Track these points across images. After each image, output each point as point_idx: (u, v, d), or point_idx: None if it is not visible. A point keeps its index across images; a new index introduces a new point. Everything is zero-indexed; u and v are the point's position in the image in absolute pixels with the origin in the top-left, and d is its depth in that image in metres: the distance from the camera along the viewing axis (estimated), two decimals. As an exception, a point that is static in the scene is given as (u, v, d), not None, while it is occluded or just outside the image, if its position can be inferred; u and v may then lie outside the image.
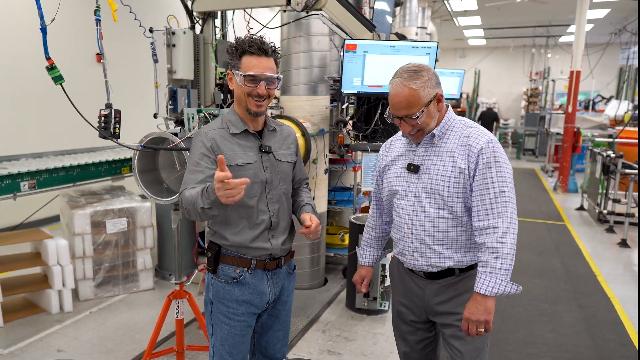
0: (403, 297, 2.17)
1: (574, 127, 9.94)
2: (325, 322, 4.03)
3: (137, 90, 7.21)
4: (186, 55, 3.38)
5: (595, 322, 4.16)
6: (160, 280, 4.86)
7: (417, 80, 1.85)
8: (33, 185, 3.87)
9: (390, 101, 1.91)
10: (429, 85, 1.86)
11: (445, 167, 1.92)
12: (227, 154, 1.98)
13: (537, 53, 18.97)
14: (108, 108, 2.56)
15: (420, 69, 1.87)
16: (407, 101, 1.85)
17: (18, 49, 6.30)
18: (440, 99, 1.92)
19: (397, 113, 1.90)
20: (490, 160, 1.85)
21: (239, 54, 1.99)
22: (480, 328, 1.85)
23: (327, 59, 4.47)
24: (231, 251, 2.07)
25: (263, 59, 1.99)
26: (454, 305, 2.01)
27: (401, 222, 2.04)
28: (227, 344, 2.13)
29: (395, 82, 1.89)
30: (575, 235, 6.99)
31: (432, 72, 1.89)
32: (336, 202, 5.08)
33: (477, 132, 1.92)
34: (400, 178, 2.05)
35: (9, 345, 3.55)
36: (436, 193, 1.93)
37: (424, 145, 2.00)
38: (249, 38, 2.00)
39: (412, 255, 2.02)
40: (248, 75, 1.96)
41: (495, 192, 1.83)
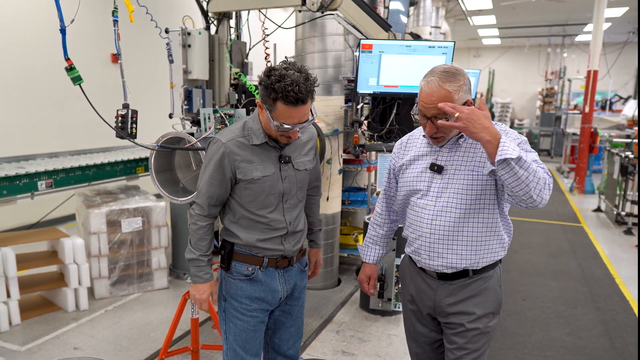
0: (413, 297, 2.14)
1: (590, 128, 9.81)
2: (339, 323, 4.02)
3: (153, 91, 7.27)
4: (201, 55, 3.39)
5: (614, 325, 4.09)
6: (174, 280, 4.89)
7: (453, 82, 1.79)
8: (50, 185, 3.91)
9: (422, 99, 1.84)
10: (464, 90, 1.81)
11: (472, 166, 1.88)
12: (243, 167, 1.99)
13: (552, 52, 18.77)
14: (125, 108, 2.58)
15: (457, 72, 1.82)
16: (440, 101, 1.79)
17: (35, 49, 6.38)
18: (470, 106, 1.83)
19: (428, 112, 1.84)
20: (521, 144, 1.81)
21: (274, 98, 1.84)
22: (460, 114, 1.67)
23: (342, 59, 4.45)
24: (244, 249, 2.11)
25: (299, 109, 1.87)
26: (467, 306, 1.98)
27: (419, 220, 2.00)
28: (240, 339, 2.15)
29: (431, 81, 1.81)
30: (592, 237, 6.89)
31: (467, 77, 1.84)
32: (350, 202, 5.06)
33: (505, 130, 1.87)
34: (422, 177, 2.00)
35: (26, 343, 3.59)
36: (459, 192, 1.89)
37: (448, 146, 1.94)
38: (289, 85, 1.80)
39: (429, 255, 1.99)
40: (282, 126, 1.89)
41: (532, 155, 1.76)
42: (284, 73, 1.82)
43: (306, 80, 1.84)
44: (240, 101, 3.64)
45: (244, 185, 2.02)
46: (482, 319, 1.97)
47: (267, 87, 1.84)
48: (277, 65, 1.89)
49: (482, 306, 1.98)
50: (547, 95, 18.18)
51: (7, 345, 3.55)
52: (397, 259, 3.96)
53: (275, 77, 1.82)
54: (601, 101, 15.35)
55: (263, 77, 1.87)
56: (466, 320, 1.98)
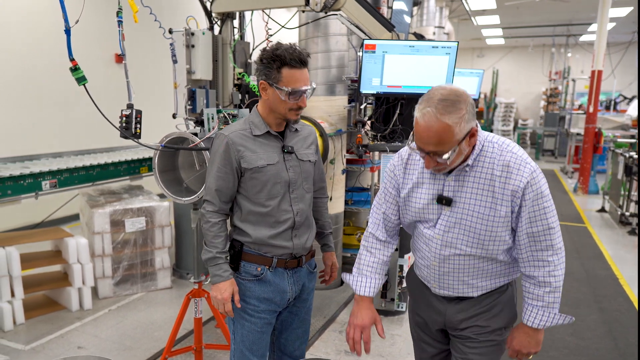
0: (421, 310, 2.04)
1: (595, 128, 9.78)
2: (342, 323, 4.02)
3: (156, 91, 7.28)
4: (205, 55, 3.40)
5: (617, 326, 4.08)
6: (177, 280, 4.90)
7: (453, 114, 1.57)
8: (54, 185, 3.92)
9: (418, 133, 1.64)
10: (466, 120, 1.60)
11: (483, 202, 1.71)
12: (247, 157, 2.02)
13: (556, 52, 18.71)
14: (129, 108, 2.59)
15: (458, 99, 1.60)
16: (439, 137, 1.59)
17: (39, 50, 6.40)
18: (474, 134, 1.67)
19: (424, 148, 1.65)
20: (537, 196, 1.67)
21: (278, 66, 1.92)
22: (529, 357, 1.83)
23: (345, 59, 4.46)
24: (253, 249, 2.10)
25: (304, 72, 1.96)
26: (479, 321, 1.89)
27: (428, 250, 1.87)
28: (247, 340, 2.15)
29: (427, 113, 1.59)
30: (596, 237, 6.87)
31: (470, 102, 1.63)
32: (353, 202, 5.05)
33: (516, 159, 1.68)
34: (429, 209, 1.82)
35: (30, 342, 3.61)
36: (471, 230, 1.74)
37: (454, 174, 1.75)
38: (288, 49, 1.92)
39: (438, 285, 1.89)
40: (293, 91, 1.94)
41: (544, 227, 1.69)
42: (279, 44, 1.95)
43: (299, 48, 1.97)
44: (244, 101, 3.64)
45: (250, 176, 2.04)
46: (495, 331, 1.89)
47: (269, 57, 1.92)
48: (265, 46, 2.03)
49: (495, 320, 1.89)
50: (551, 95, 18.13)
51: (12, 344, 3.57)
52: (401, 259, 3.96)
53: (272, 48, 1.94)
54: (605, 101, 15.32)
55: (261, 54, 1.97)
56: (478, 332, 1.89)
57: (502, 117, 19.61)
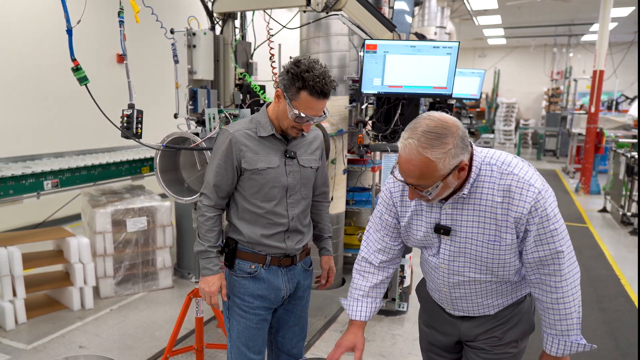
0: (435, 324, 1.97)
1: (596, 128, 9.77)
2: (343, 323, 4.02)
3: (158, 91, 7.29)
4: (206, 55, 3.40)
5: (618, 326, 4.08)
6: (179, 279, 4.90)
7: (437, 148, 1.44)
8: (56, 184, 3.93)
9: (400, 165, 1.53)
10: (452, 154, 1.46)
11: (485, 230, 1.61)
12: (248, 157, 2.03)
13: (558, 52, 18.70)
14: (130, 108, 2.59)
15: (445, 131, 1.45)
16: (420, 172, 1.48)
17: (40, 50, 6.41)
18: (463, 167, 1.53)
19: (406, 179, 1.55)
20: (542, 219, 1.54)
21: (299, 87, 1.89)
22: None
23: (346, 59, 4.46)
24: (247, 247, 2.12)
25: (321, 102, 1.94)
26: (496, 333, 1.82)
27: (436, 277, 1.81)
28: (243, 336, 2.16)
29: (409, 145, 1.47)
30: (598, 237, 6.86)
31: (459, 134, 1.48)
32: (354, 202, 5.06)
33: (517, 182, 1.56)
34: (429, 239, 1.74)
35: (32, 341, 3.61)
36: (476, 258, 1.66)
37: (450, 202, 1.64)
38: (317, 76, 1.87)
39: (452, 307, 1.85)
40: (302, 115, 1.93)
41: (551, 251, 1.57)
42: (313, 65, 1.89)
43: (330, 77, 1.92)
44: (245, 101, 3.64)
45: (249, 176, 2.05)
46: (511, 344, 1.84)
47: (295, 75, 1.88)
48: (301, 58, 1.95)
49: (511, 333, 1.82)
50: (553, 95, 18.13)
51: (13, 343, 3.58)
52: (402, 258, 3.95)
53: (304, 67, 1.87)
54: (607, 101, 15.29)
55: (291, 65, 1.91)
56: (493, 344, 1.83)
57: (504, 117, 19.60)
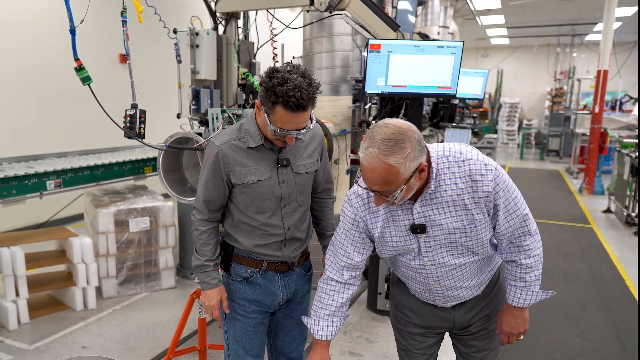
0: (423, 321, 2.03)
1: (600, 128, 9.72)
2: (347, 324, 4.01)
3: (160, 91, 7.29)
4: (209, 55, 3.39)
5: (624, 328, 4.05)
6: (181, 279, 4.90)
7: (397, 154, 1.51)
8: (59, 184, 3.93)
9: (363, 173, 1.59)
10: (411, 158, 1.54)
11: (457, 218, 1.70)
12: (237, 171, 1.95)
13: (562, 52, 18.63)
14: (133, 108, 2.58)
15: (402, 137, 1.53)
16: (384, 178, 1.54)
17: (43, 50, 6.42)
18: (423, 169, 1.60)
19: (370, 186, 1.61)
20: (505, 192, 1.68)
21: (273, 102, 1.76)
22: (519, 337, 1.93)
23: (350, 59, 4.44)
24: (243, 252, 2.09)
25: (299, 115, 1.78)
26: (484, 311, 2.00)
27: (424, 278, 1.88)
28: (240, 340, 2.15)
29: (370, 154, 1.53)
30: (602, 238, 6.83)
31: (415, 138, 1.55)
32: (357, 202, 5.04)
33: (475, 166, 1.66)
34: (406, 242, 1.80)
35: (34, 341, 3.61)
36: (454, 245, 1.76)
37: (419, 201, 1.71)
38: (290, 90, 1.71)
39: (444, 300, 1.95)
40: (280, 130, 1.82)
41: (519, 217, 1.72)
42: (287, 77, 1.73)
43: (309, 86, 1.76)
44: (248, 101, 3.63)
45: (239, 190, 1.99)
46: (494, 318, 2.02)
47: (267, 89, 1.76)
48: (280, 66, 1.81)
49: (498, 304, 2.01)
50: (556, 95, 18.05)
51: (16, 343, 3.58)
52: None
53: (277, 80, 1.73)
54: (611, 101, 15.24)
55: (265, 78, 1.78)
56: (487, 323, 2.01)
57: (507, 117, 19.55)
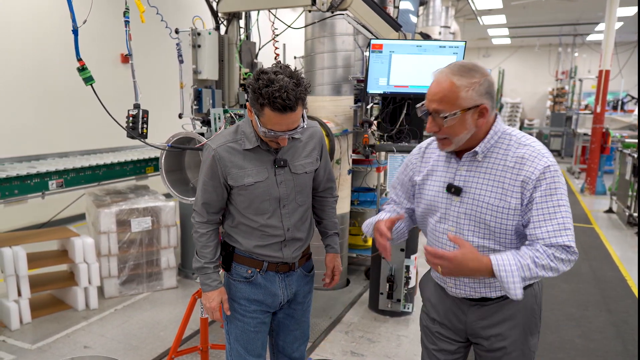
0: (440, 316, 1.95)
1: (602, 128, 9.71)
2: (348, 324, 4.01)
3: (162, 91, 7.29)
4: (211, 55, 3.40)
5: (626, 328, 4.04)
6: (183, 279, 4.90)
7: (465, 77, 1.59)
8: (61, 184, 3.93)
9: (428, 91, 1.67)
10: (476, 90, 1.59)
11: (493, 194, 1.66)
12: (234, 173, 1.95)
13: (563, 52, 18.62)
14: (136, 108, 2.59)
15: (475, 69, 1.62)
16: (443, 95, 1.61)
17: (45, 50, 6.42)
18: (483, 113, 1.63)
19: (428, 105, 1.67)
20: (549, 191, 1.61)
21: (261, 104, 1.75)
22: (443, 268, 1.58)
23: (351, 59, 4.44)
24: (244, 252, 2.09)
25: (288, 116, 1.77)
26: (502, 329, 1.81)
27: (441, 247, 1.79)
28: (242, 340, 2.14)
29: (441, 71, 1.65)
30: (604, 238, 6.82)
31: (488, 80, 1.62)
32: (359, 202, 5.04)
33: (532, 152, 1.63)
34: (439, 199, 1.79)
35: (36, 341, 3.61)
36: (481, 222, 1.69)
37: (466, 163, 1.73)
38: (276, 90, 1.71)
39: (454, 284, 1.83)
40: (270, 132, 1.82)
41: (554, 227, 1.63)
42: (273, 77, 1.72)
43: (296, 86, 1.74)
44: (250, 101, 3.64)
45: (237, 192, 1.98)
46: (521, 340, 1.81)
47: (254, 91, 1.75)
48: (267, 68, 1.81)
49: (518, 328, 1.80)
50: (558, 95, 18.04)
51: (18, 343, 3.58)
52: (407, 259, 3.94)
53: (263, 82, 1.73)
54: (613, 101, 15.22)
55: (251, 80, 1.78)
56: (505, 343, 1.81)
57: (508, 117, 19.55)
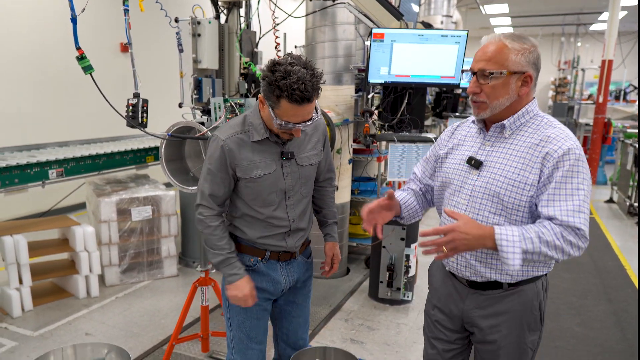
0: (440, 302, 1.96)
1: (604, 118, 9.68)
2: (348, 311, 4.03)
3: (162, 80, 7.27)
4: (211, 44, 3.38)
5: (626, 317, 4.06)
6: (183, 268, 4.92)
7: (517, 42, 1.63)
8: (61, 173, 3.93)
9: (476, 53, 1.69)
10: (525, 56, 1.63)
11: (513, 168, 1.66)
12: (243, 166, 1.94)
13: (566, 42, 18.49)
14: (136, 97, 2.58)
15: (527, 38, 1.66)
16: (492, 54, 1.64)
17: (45, 38, 6.40)
18: (526, 82, 1.66)
19: (475, 65, 1.68)
20: (571, 173, 1.58)
21: (277, 95, 1.75)
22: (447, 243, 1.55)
23: (353, 48, 4.42)
24: (247, 242, 2.10)
25: (305, 107, 1.78)
26: (497, 321, 1.79)
27: (450, 219, 1.77)
28: (244, 327, 2.15)
29: (494, 36, 1.68)
30: (604, 228, 6.83)
31: (538, 52, 1.68)
32: (360, 192, 5.05)
33: (560, 133, 1.63)
34: (457, 171, 1.81)
35: (38, 328, 3.64)
36: (496, 196, 1.68)
37: (492, 139, 1.74)
38: (294, 82, 1.71)
39: (456, 259, 1.82)
40: (286, 123, 1.82)
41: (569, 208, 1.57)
42: (290, 69, 1.72)
43: (312, 77, 1.75)
44: (250, 90, 3.62)
45: (244, 184, 1.98)
46: (516, 334, 1.79)
47: (271, 83, 1.74)
48: (281, 59, 1.79)
49: (515, 322, 1.78)
50: (560, 85, 17.94)
51: (20, 330, 3.61)
52: (407, 248, 3.95)
53: (280, 74, 1.72)
54: (615, 91, 15.15)
55: (267, 72, 1.77)
56: (497, 336, 1.80)
57: (510, 107, 19.43)
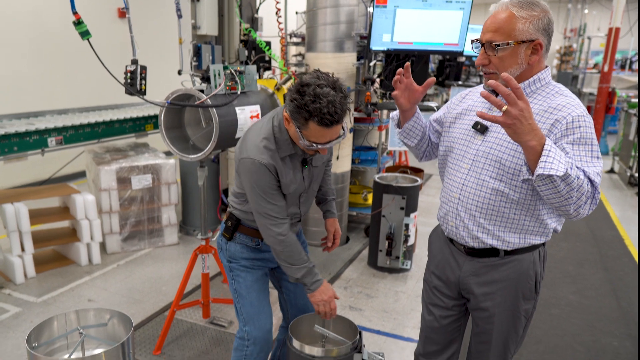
0: (437, 268, 1.98)
1: (608, 87, 9.56)
2: (347, 279, 4.08)
3: (161, 47, 7.16)
4: (210, 10, 3.31)
5: (621, 285, 4.11)
6: (184, 236, 4.95)
7: (524, 9, 1.57)
8: (60, 141, 3.91)
9: (485, 23, 1.65)
10: (533, 24, 1.56)
11: None
12: (283, 183, 1.95)
13: (573, 8, 18.12)
14: (134, 64, 2.53)
15: (536, 3, 1.58)
16: (499, 25, 1.59)
17: (45, 5, 6.27)
18: (536, 50, 1.60)
19: (482, 36, 1.64)
20: (584, 141, 1.53)
21: (306, 117, 1.72)
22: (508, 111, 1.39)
23: (355, 14, 4.33)
24: (250, 224, 2.12)
25: (333, 129, 1.77)
26: (492, 289, 1.80)
27: (451, 183, 1.82)
28: (254, 289, 2.18)
29: (501, 4, 1.62)
30: (604, 198, 6.84)
31: (549, 17, 1.59)
32: (360, 161, 5.03)
33: (570, 101, 1.60)
34: (462, 136, 1.80)
35: (41, 294, 3.69)
36: (497, 161, 1.67)
37: None
38: (325, 106, 1.69)
39: (454, 223, 1.82)
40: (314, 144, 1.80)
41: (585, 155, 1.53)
42: (319, 92, 1.69)
43: (342, 99, 1.74)
44: (250, 57, 3.57)
45: None
46: (510, 302, 1.80)
47: (300, 106, 1.71)
48: (308, 78, 1.75)
49: (510, 290, 1.79)
50: (565, 53, 17.68)
51: (24, 296, 3.65)
52: (406, 217, 3.96)
53: (309, 97, 1.69)
54: (621, 60, 14.94)
55: (294, 94, 1.74)
56: (491, 304, 1.81)
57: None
